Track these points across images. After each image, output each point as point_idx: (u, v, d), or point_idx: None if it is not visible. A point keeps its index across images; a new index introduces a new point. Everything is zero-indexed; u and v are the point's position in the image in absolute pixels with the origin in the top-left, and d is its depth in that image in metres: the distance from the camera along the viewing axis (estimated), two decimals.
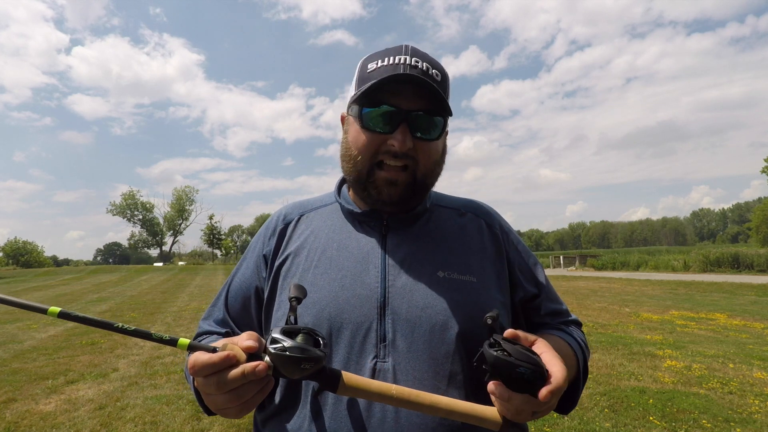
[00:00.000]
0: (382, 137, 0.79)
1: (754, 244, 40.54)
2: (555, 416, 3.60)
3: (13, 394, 4.32)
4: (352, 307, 0.77)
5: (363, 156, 0.81)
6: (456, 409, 0.66)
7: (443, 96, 0.78)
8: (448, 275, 0.81)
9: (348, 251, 0.84)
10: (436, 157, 0.84)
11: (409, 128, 0.78)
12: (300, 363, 0.59)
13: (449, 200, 0.97)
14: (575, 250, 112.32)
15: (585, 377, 0.86)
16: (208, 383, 0.61)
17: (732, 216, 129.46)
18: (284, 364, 0.60)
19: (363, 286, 0.79)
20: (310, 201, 0.98)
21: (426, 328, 0.76)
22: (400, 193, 0.81)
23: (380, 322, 0.76)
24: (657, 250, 35.60)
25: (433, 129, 0.81)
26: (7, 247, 56.72)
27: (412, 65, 0.78)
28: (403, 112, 0.78)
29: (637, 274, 20.01)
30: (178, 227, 66.73)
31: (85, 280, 20.79)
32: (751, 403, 3.81)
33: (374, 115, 0.80)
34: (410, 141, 0.78)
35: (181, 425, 3.58)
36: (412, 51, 0.81)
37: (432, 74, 0.80)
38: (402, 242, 0.85)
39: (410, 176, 0.81)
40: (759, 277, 15.59)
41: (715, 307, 9.33)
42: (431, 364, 0.75)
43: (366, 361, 0.74)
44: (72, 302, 11.76)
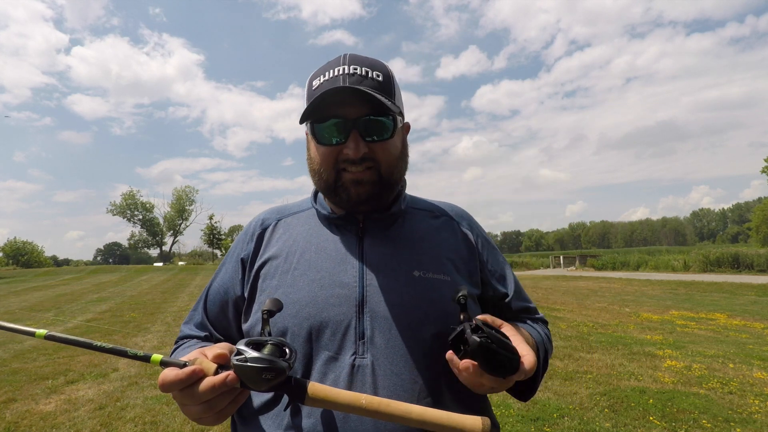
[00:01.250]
0: (337, 148, 0.83)
1: (754, 244, 40.53)
2: (555, 416, 3.60)
3: (13, 394, 4.32)
4: (331, 306, 0.80)
5: (324, 168, 0.85)
6: (429, 419, 0.64)
7: (383, 96, 0.81)
8: (423, 274, 0.84)
9: (326, 253, 0.87)
10: (396, 153, 0.87)
11: (360, 134, 0.81)
12: (261, 373, 0.60)
13: (423, 203, 1.00)
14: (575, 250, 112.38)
15: (545, 369, 0.91)
16: (181, 396, 0.63)
17: (732, 216, 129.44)
18: (246, 375, 0.61)
19: (341, 286, 0.82)
20: (288, 206, 1.01)
21: (403, 325, 0.79)
22: (368, 191, 0.84)
23: (359, 320, 0.79)
24: (657, 250, 35.60)
25: (384, 129, 0.83)
26: (7, 247, 56.70)
27: (350, 74, 0.81)
28: (350, 121, 0.81)
29: (637, 274, 20.00)
30: (178, 227, 66.72)
31: (85, 280, 20.79)
32: (751, 403, 3.81)
33: (325, 128, 0.83)
34: (364, 147, 0.81)
35: (181, 425, 3.58)
36: (350, 59, 0.84)
37: (372, 77, 0.82)
38: (378, 243, 0.88)
39: (375, 174, 0.84)
40: (759, 277, 15.58)
41: (715, 307, 9.33)
42: (409, 359, 0.77)
43: (345, 357, 0.76)
44: (72, 302, 11.75)
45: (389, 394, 0.74)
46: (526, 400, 0.90)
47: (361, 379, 0.75)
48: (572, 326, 7.38)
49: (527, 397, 0.89)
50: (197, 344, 0.88)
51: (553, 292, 12.76)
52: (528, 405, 3.83)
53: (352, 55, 0.85)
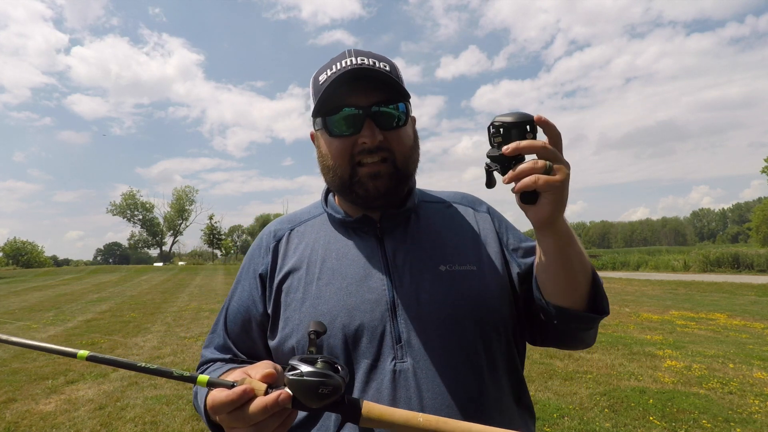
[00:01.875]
0: (352, 139, 0.81)
1: (754, 244, 40.52)
2: (555, 416, 3.60)
3: (13, 394, 4.32)
4: (363, 313, 0.78)
5: (339, 162, 0.82)
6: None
7: (396, 81, 0.80)
8: (449, 268, 0.83)
9: (348, 259, 0.85)
10: (409, 142, 0.85)
11: (375, 122, 0.80)
12: (318, 388, 0.58)
13: (433, 195, 0.98)
14: None
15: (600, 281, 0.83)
16: (230, 419, 0.60)
17: (732, 216, 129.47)
18: (302, 390, 0.59)
19: (370, 291, 0.80)
20: (297, 214, 0.98)
21: (438, 323, 0.78)
22: (386, 184, 0.82)
23: (393, 324, 0.77)
24: (657, 250, 35.59)
25: (398, 117, 0.82)
26: (7, 247, 56.69)
27: (358, 64, 0.80)
28: (364, 109, 0.79)
29: (637, 274, 20.00)
30: (178, 227, 66.72)
31: (85, 280, 20.79)
32: (751, 403, 3.81)
33: (338, 120, 0.81)
34: (379, 134, 0.79)
35: (181, 425, 3.58)
36: (355, 52, 0.83)
37: (379, 67, 0.81)
38: (399, 243, 0.86)
39: (391, 166, 0.82)
40: (759, 277, 15.58)
41: (715, 307, 9.33)
42: (448, 357, 0.76)
43: (386, 363, 0.75)
44: (72, 302, 11.75)
45: (433, 396, 0.73)
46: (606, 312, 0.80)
47: (404, 384, 0.73)
48: None
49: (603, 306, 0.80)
50: (224, 366, 0.85)
51: None
52: None
53: (357, 50, 0.84)
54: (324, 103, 0.80)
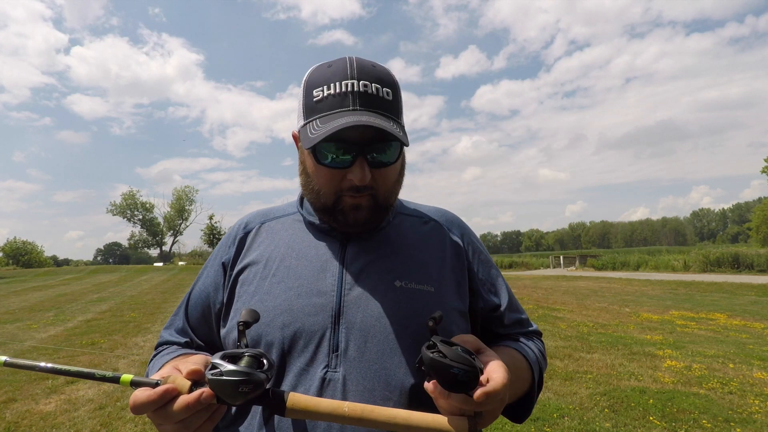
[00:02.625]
0: (341, 172, 0.77)
1: (754, 244, 40.48)
2: (555, 416, 3.60)
3: (13, 394, 4.33)
4: (306, 316, 0.76)
5: (325, 191, 0.80)
6: (416, 423, 0.62)
7: (396, 120, 0.77)
8: (405, 284, 0.80)
9: (307, 260, 0.83)
10: (394, 177, 0.82)
11: (366, 159, 0.76)
12: (238, 386, 0.57)
13: (412, 208, 0.96)
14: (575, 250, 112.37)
15: (539, 389, 0.87)
16: (155, 417, 0.60)
17: (732, 216, 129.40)
18: (222, 389, 0.58)
19: (318, 295, 0.79)
20: (273, 210, 0.97)
21: (380, 338, 0.75)
22: (365, 216, 0.80)
23: (334, 332, 0.75)
24: (657, 250, 35.56)
25: (390, 154, 0.78)
26: (7, 247, 56.66)
27: (360, 92, 0.74)
28: (356, 146, 0.75)
29: (637, 274, 19.99)
30: (178, 227, 66.70)
31: (85, 280, 20.78)
32: (751, 403, 3.81)
33: (327, 149, 0.75)
34: (369, 172, 0.76)
35: None
36: (358, 71, 0.76)
37: (383, 95, 0.76)
38: (361, 251, 0.84)
39: (371, 200, 0.80)
40: (759, 277, 15.57)
41: (715, 307, 9.33)
42: (382, 375, 0.73)
43: (317, 370, 0.73)
44: (72, 302, 11.75)
45: None
46: (520, 422, 0.85)
47: (331, 394, 0.71)
48: (572, 326, 7.38)
49: (522, 417, 0.85)
50: (177, 351, 0.85)
51: (553, 292, 12.75)
52: None
53: (359, 64, 0.77)
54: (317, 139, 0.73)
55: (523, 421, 0.85)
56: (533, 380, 0.84)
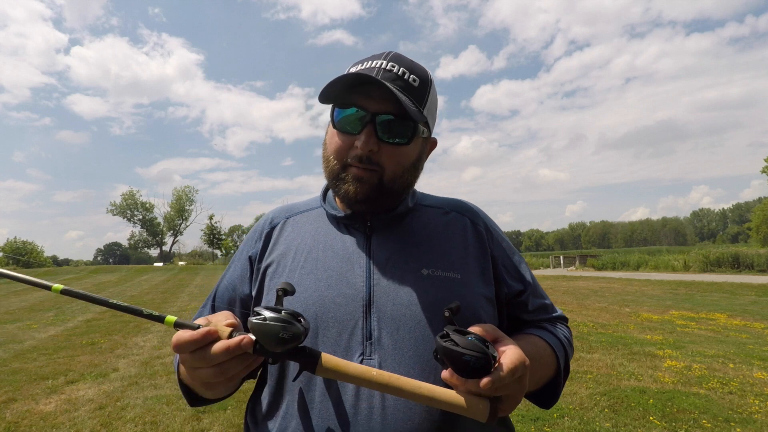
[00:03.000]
0: (351, 138, 0.81)
1: (754, 244, 40.50)
2: (555, 416, 3.60)
3: (13, 394, 4.32)
4: (338, 306, 0.79)
5: (334, 156, 0.83)
6: (438, 397, 0.65)
7: (411, 101, 0.78)
8: (432, 272, 0.82)
9: (333, 252, 0.86)
10: (406, 163, 0.83)
11: (375, 131, 0.79)
12: (278, 332, 0.61)
13: (433, 200, 0.98)
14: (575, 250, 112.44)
15: (566, 374, 0.88)
16: (193, 359, 0.63)
17: (732, 216, 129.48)
18: (263, 334, 0.61)
19: (348, 285, 0.81)
20: (297, 205, 1.00)
21: (411, 326, 0.77)
22: (365, 192, 0.81)
23: (365, 321, 0.78)
24: (657, 250, 35.55)
25: (401, 133, 0.80)
26: (7, 247, 56.70)
27: (387, 69, 0.79)
28: (368, 114, 0.79)
29: (637, 274, 19.99)
30: (178, 227, 66.73)
31: (85, 280, 20.78)
32: (752, 403, 3.81)
33: (344, 116, 0.81)
34: (374, 144, 0.78)
35: (181, 425, 3.58)
36: (393, 57, 0.82)
37: (408, 79, 0.80)
38: (386, 242, 0.86)
39: (376, 177, 0.81)
40: (759, 277, 15.58)
41: (715, 307, 9.33)
42: (417, 361, 0.75)
43: (353, 358, 0.75)
44: (72, 302, 11.72)
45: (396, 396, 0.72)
46: (548, 407, 0.88)
47: None
48: (572, 326, 7.36)
49: (549, 403, 0.87)
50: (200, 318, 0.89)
51: (553, 292, 12.75)
52: (528, 405, 3.83)
53: (396, 54, 0.83)
54: (333, 92, 0.80)
55: (551, 407, 0.87)
56: (558, 366, 0.85)
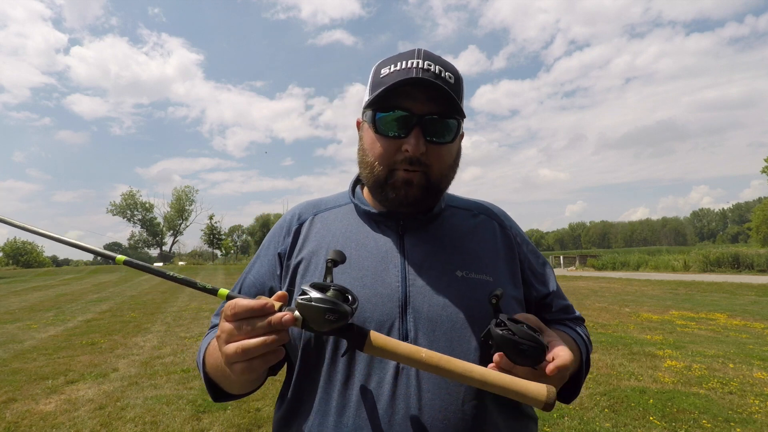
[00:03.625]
0: (397, 142, 0.80)
1: (754, 244, 40.47)
2: (555, 416, 3.60)
3: (13, 394, 4.32)
4: (374, 306, 0.78)
5: (379, 162, 0.82)
6: (491, 380, 0.64)
7: (455, 98, 0.79)
8: (466, 275, 0.82)
9: (367, 250, 0.85)
10: (450, 161, 0.84)
11: (423, 132, 0.79)
12: (324, 313, 0.61)
13: (462, 202, 0.98)
14: (575, 250, 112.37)
15: (587, 370, 0.89)
16: (238, 327, 0.63)
17: (732, 216, 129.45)
18: (309, 313, 0.62)
19: (384, 285, 0.80)
20: (324, 200, 0.98)
21: (447, 327, 0.77)
22: (415, 194, 0.82)
23: (402, 321, 0.77)
24: (657, 250, 35.55)
25: (447, 132, 0.81)
26: (7, 247, 56.70)
27: (425, 69, 0.79)
28: (416, 116, 0.79)
29: (637, 274, 20.00)
30: (178, 227, 66.69)
31: (85, 280, 20.78)
32: (752, 403, 3.81)
33: (388, 120, 0.80)
34: (423, 145, 0.79)
35: (181, 425, 3.58)
36: (425, 55, 0.82)
37: (445, 77, 0.80)
38: (419, 243, 0.86)
39: (424, 178, 0.82)
40: (759, 277, 15.58)
41: (715, 307, 9.33)
42: None
43: None
44: (72, 302, 11.75)
45: (433, 397, 0.73)
46: (569, 402, 0.88)
47: (406, 381, 0.74)
48: None
49: (571, 398, 0.88)
50: None
51: None
52: None
53: (426, 51, 0.83)
54: (380, 98, 0.80)
55: (572, 401, 0.89)
56: (581, 362, 0.86)
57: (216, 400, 0.84)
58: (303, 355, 0.80)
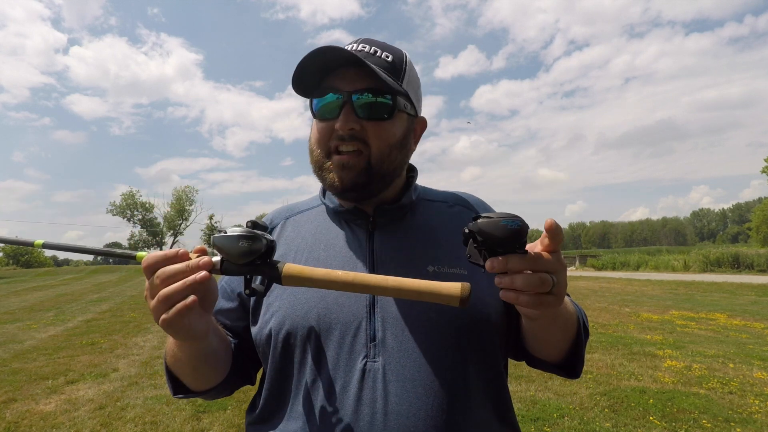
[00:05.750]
0: (330, 123, 0.79)
1: (754, 244, 40.45)
2: (555, 416, 3.60)
3: (13, 394, 4.32)
4: (340, 307, 0.76)
5: (317, 146, 0.82)
6: (406, 286, 0.62)
7: (383, 74, 0.76)
8: (438, 269, 0.79)
9: (335, 250, 0.83)
10: (392, 140, 0.80)
11: (354, 110, 0.77)
12: (238, 241, 0.61)
13: (436, 194, 0.95)
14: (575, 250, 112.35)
15: (586, 337, 0.83)
16: (157, 279, 0.62)
17: (732, 216, 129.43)
18: (225, 247, 0.62)
19: None
20: (297, 205, 0.97)
21: (417, 326, 0.75)
22: (353, 178, 0.78)
23: (369, 321, 0.75)
24: (657, 250, 35.55)
25: (380, 108, 0.78)
26: (7, 247, 56.70)
27: (357, 50, 0.79)
28: (345, 94, 0.77)
29: (637, 274, 19.99)
30: (178, 227, 66.70)
31: (85, 280, 20.77)
32: (751, 403, 3.81)
33: (322, 104, 0.80)
34: (354, 122, 0.77)
35: (181, 425, 3.58)
36: (364, 39, 0.82)
37: (380, 56, 0.79)
38: (389, 238, 0.83)
39: (363, 160, 0.78)
40: (759, 277, 15.58)
41: (715, 307, 9.32)
42: (423, 362, 0.73)
43: (356, 361, 0.73)
44: (72, 302, 11.74)
45: (399, 402, 0.70)
46: (577, 376, 0.81)
47: (372, 384, 0.71)
48: None
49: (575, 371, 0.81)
50: None
51: None
52: (528, 405, 3.84)
53: (369, 38, 0.82)
54: (313, 84, 0.80)
55: (579, 375, 0.81)
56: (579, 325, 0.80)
57: (174, 393, 0.82)
58: (272, 360, 0.79)
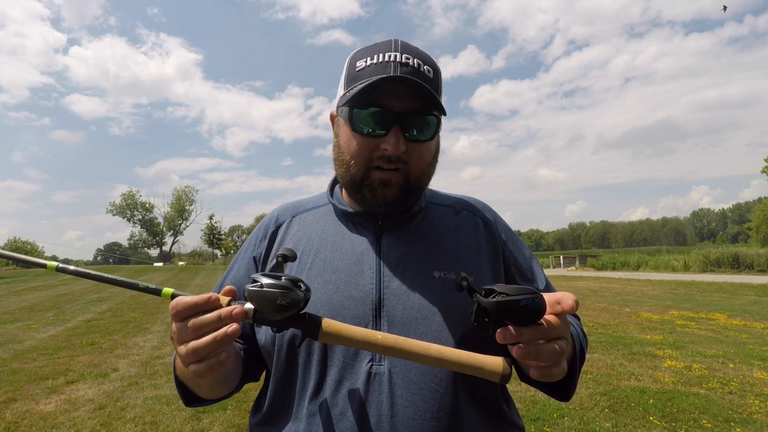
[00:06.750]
0: (375, 141, 0.77)
1: (754, 244, 40.50)
2: (555, 416, 3.60)
3: (13, 394, 4.32)
4: (347, 310, 0.76)
5: (356, 161, 0.79)
6: (448, 357, 0.61)
7: (434, 94, 0.75)
8: (444, 275, 0.79)
9: (342, 252, 0.82)
10: (429, 158, 0.81)
11: (402, 130, 0.76)
12: (276, 299, 0.59)
13: (444, 198, 0.95)
14: (575, 250, 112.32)
15: (581, 362, 0.83)
16: (184, 327, 0.59)
17: (732, 216, 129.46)
18: (261, 301, 0.59)
19: (357, 288, 0.78)
20: (303, 202, 0.96)
21: (423, 330, 0.75)
22: (394, 194, 0.79)
23: (375, 325, 0.75)
24: (657, 250, 35.56)
25: (426, 129, 0.78)
26: (7, 247, 56.79)
27: (402, 63, 0.75)
28: (394, 114, 0.75)
29: (637, 274, 20.00)
30: (178, 227, 66.76)
31: (85, 280, 20.70)
32: (751, 403, 3.81)
33: (365, 116, 0.77)
34: (403, 144, 0.76)
35: (181, 425, 3.58)
36: (402, 47, 0.78)
37: (423, 71, 0.77)
38: (397, 242, 0.83)
39: (403, 177, 0.79)
40: (759, 277, 15.58)
41: (715, 307, 9.32)
42: (428, 367, 0.72)
43: (362, 364, 0.73)
44: (72, 302, 11.74)
45: (406, 404, 0.70)
46: (568, 398, 0.80)
47: (378, 388, 0.71)
48: None
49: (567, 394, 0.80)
50: None
51: None
52: (528, 405, 3.84)
53: (404, 43, 0.79)
54: (355, 94, 0.75)
55: (570, 398, 0.81)
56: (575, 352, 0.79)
57: (188, 404, 0.80)
58: (277, 361, 0.78)
